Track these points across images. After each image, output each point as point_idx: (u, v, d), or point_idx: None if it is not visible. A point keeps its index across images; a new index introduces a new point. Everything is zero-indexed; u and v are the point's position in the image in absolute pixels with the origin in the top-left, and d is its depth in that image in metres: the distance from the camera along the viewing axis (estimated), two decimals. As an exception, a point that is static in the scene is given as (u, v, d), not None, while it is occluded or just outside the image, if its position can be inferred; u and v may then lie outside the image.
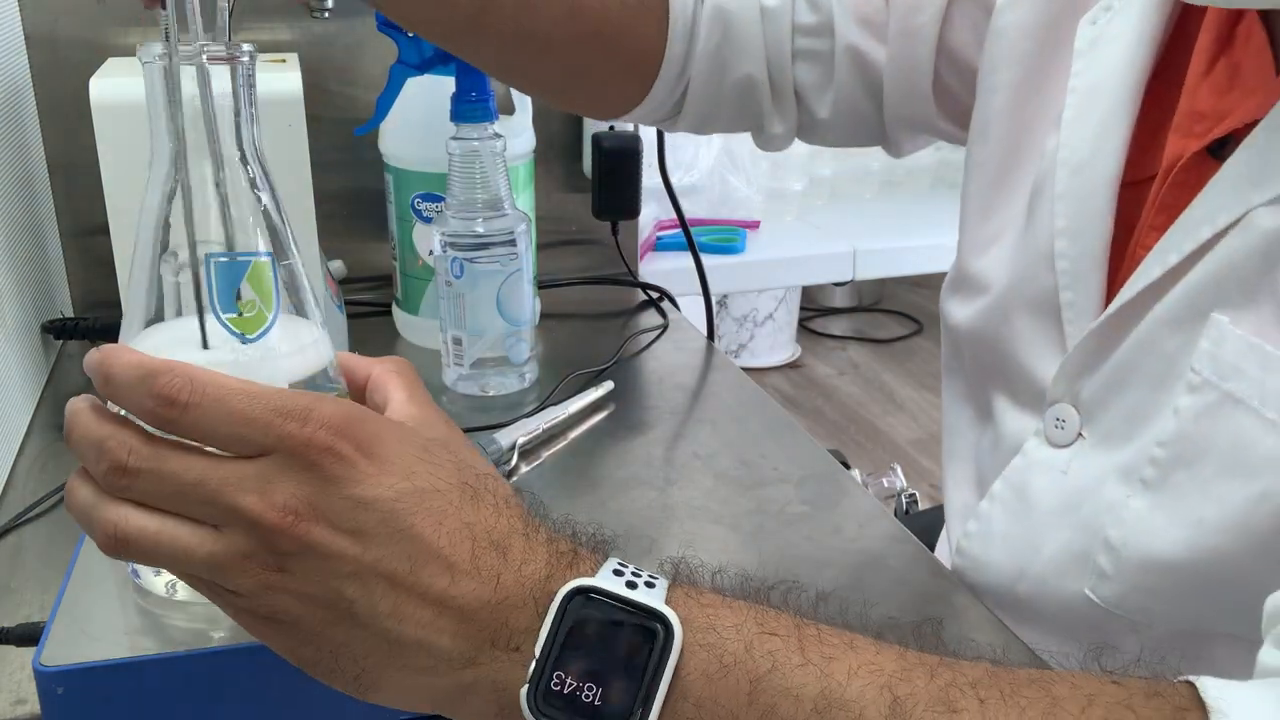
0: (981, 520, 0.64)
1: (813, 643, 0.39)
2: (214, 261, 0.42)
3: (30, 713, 0.56)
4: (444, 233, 0.88)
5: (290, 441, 0.38)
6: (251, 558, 0.38)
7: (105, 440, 0.39)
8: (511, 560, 0.39)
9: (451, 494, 0.40)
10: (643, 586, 0.40)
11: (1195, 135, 0.55)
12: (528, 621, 0.39)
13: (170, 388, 0.38)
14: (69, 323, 0.94)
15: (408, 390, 0.45)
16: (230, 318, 0.42)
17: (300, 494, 0.38)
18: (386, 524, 0.38)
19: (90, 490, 0.40)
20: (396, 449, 0.40)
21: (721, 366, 1.00)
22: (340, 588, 0.38)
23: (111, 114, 0.80)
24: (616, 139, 1.12)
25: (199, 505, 0.38)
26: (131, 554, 0.39)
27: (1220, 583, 0.51)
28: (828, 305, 3.47)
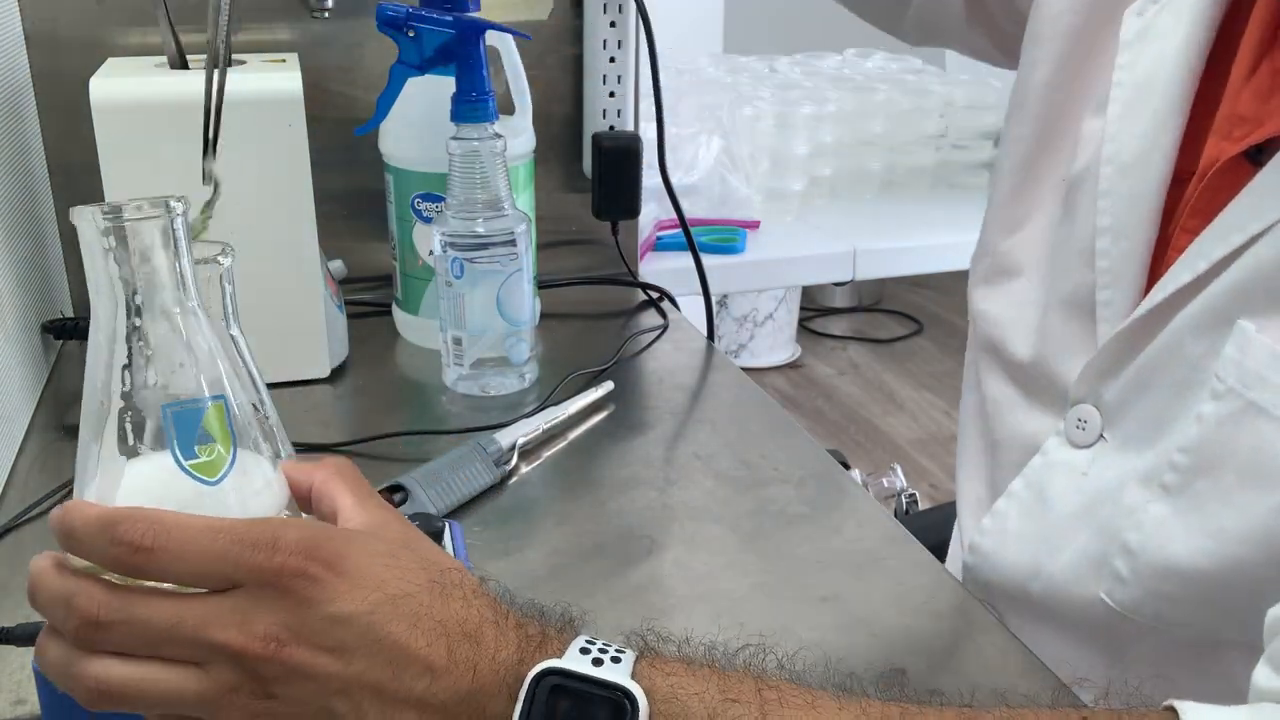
0: (997, 517, 0.64)
1: (774, 706, 0.40)
2: (170, 411, 0.42)
3: (30, 713, 0.56)
4: (444, 233, 0.88)
5: (261, 572, 0.39)
6: (239, 690, 0.39)
7: (73, 597, 0.39)
8: (485, 649, 0.41)
9: (422, 595, 0.41)
10: (609, 662, 0.41)
11: (1234, 139, 0.54)
12: (502, 707, 0.40)
13: (134, 534, 0.39)
14: (69, 323, 0.94)
15: (353, 494, 0.46)
16: (192, 464, 0.43)
17: (278, 620, 0.39)
18: (365, 636, 0.39)
19: (63, 648, 0.40)
20: (363, 561, 0.40)
21: (721, 366, 1.00)
22: (330, 705, 0.39)
23: (111, 114, 0.80)
24: (616, 139, 1.12)
25: (179, 646, 0.39)
26: (119, 704, 0.39)
27: (1239, 592, 0.51)
28: (828, 305, 3.47)
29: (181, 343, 0.43)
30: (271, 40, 1.05)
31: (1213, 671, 0.56)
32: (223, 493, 0.43)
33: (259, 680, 0.39)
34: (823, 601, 0.66)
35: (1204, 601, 0.53)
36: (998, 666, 0.60)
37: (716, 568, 0.70)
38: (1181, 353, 0.54)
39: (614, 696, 0.40)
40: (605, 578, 0.68)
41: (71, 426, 0.86)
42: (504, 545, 0.72)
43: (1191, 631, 0.55)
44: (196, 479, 0.42)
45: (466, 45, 0.87)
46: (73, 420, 0.87)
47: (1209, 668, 0.56)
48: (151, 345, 0.43)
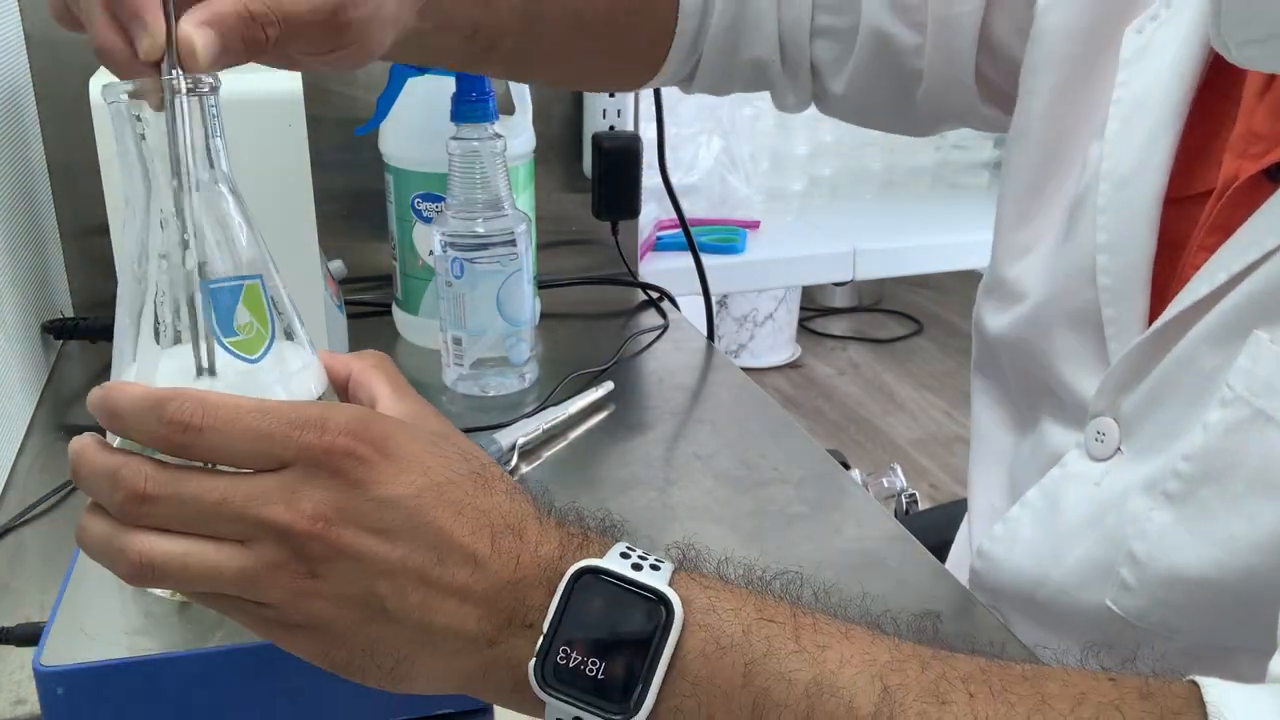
0: (1009, 525, 0.64)
1: (808, 631, 0.41)
2: (210, 287, 0.42)
3: (30, 713, 0.56)
4: (444, 233, 0.88)
5: (311, 451, 0.39)
6: (283, 568, 0.39)
7: (119, 470, 0.39)
8: (528, 542, 0.41)
9: (466, 484, 0.41)
10: (648, 569, 0.41)
11: (1251, 157, 0.54)
12: (541, 599, 0.40)
13: (182, 412, 0.39)
14: (69, 323, 0.94)
15: (391, 386, 0.46)
16: (231, 341, 0.43)
17: (327, 500, 0.39)
18: (411, 520, 0.39)
19: (106, 523, 0.40)
20: (409, 446, 0.40)
21: (721, 366, 1.00)
22: (373, 586, 0.39)
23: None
24: (616, 139, 1.12)
25: (225, 523, 0.39)
26: (161, 579, 0.39)
27: (1247, 599, 0.50)
28: (828, 305, 3.47)
29: (217, 221, 0.43)
30: (271, 40, 1.05)
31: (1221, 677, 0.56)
32: (262, 371, 0.43)
33: (304, 559, 0.39)
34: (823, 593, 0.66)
35: (1211, 609, 0.53)
36: (998, 666, 0.60)
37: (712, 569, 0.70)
38: (1196, 364, 0.54)
39: (650, 600, 0.40)
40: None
41: (72, 426, 0.86)
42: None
43: (1199, 639, 0.55)
44: (236, 355, 0.42)
45: (466, 45, 0.87)
46: (73, 420, 0.87)
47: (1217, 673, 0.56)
48: (187, 223, 0.42)
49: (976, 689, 0.39)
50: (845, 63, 0.73)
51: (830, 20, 0.72)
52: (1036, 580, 0.61)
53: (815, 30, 0.73)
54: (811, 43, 0.73)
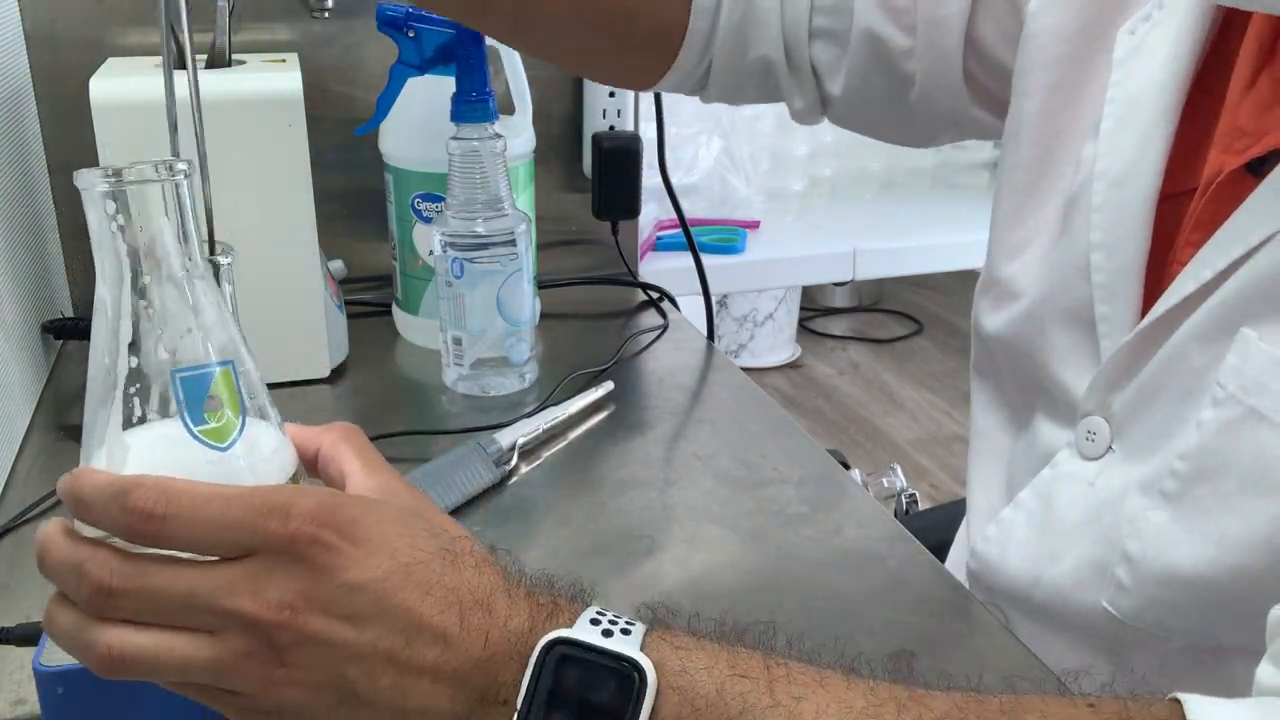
0: (1003, 526, 0.64)
1: (782, 683, 0.41)
2: (179, 377, 0.42)
3: (30, 713, 0.56)
4: (444, 233, 0.88)
5: (275, 539, 0.39)
6: (252, 656, 0.39)
7: (84, 564, 0.39)
8: (497, 617, 0.41)
9: (433, 563, 0.41)
10: (618, 634, 0.41)
11: (1235, 152, 0.54)
12: (513, 675, 0.40)
13: (146, 500, 0.38)
14: (69, 323, 0.94)
15: (361, 460, 0.46)
16: (202, 430, 0.42)
17: (293, 588, 0.39)
18: (378, 604, 0.39)
19: (73, 615, 0.40)
20: (375, 529, 0.40)
21: (721, 366, 1.00)
22: (343, 671, 0.39)
23: (111, 114, 0.80)
24: (616, 139, 1.12)
25: (192, 614, 0.39)
26: (132, 672, 0.39)
27: (1241, 599, 0.51)
28: (828, 305, 3.47)
29: (188, 308, 0.43)
30: (271, 40, 1.05)
31: (1216, 677, 0.56)
32: (233, 459, 0.42)
33: (272, 647, 0.39)
34: (823, 601, 0.66)
35: (1206, 609, 0.53)
36: (997, 665, 0.60)
37: (716, 568, 0.70)
38: (1186, 363, 0.54)
39: (622, 668, 0.40)
40: (605, 578, 0.68)
41: (72, 426, 0.86)
42: (504, 545, 0.72)
43: (1194, 638, 0.55)
44: (206, 445, 0.42)
45: (466, 45, 0.87)
46: (73, 420, 0.87)
47: (1212, 674, 0.56)
48: (158, 311, 0.42)
49: None
50: (841, 64, 0.74)
51: (826, 22, 0.73)
52: (1032, 581, 0.61)
53: (813, 31, 0.73)
54: (810, 44, 0.74)
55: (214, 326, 0.43)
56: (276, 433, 0.45)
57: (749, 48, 0.74)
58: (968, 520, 0.73)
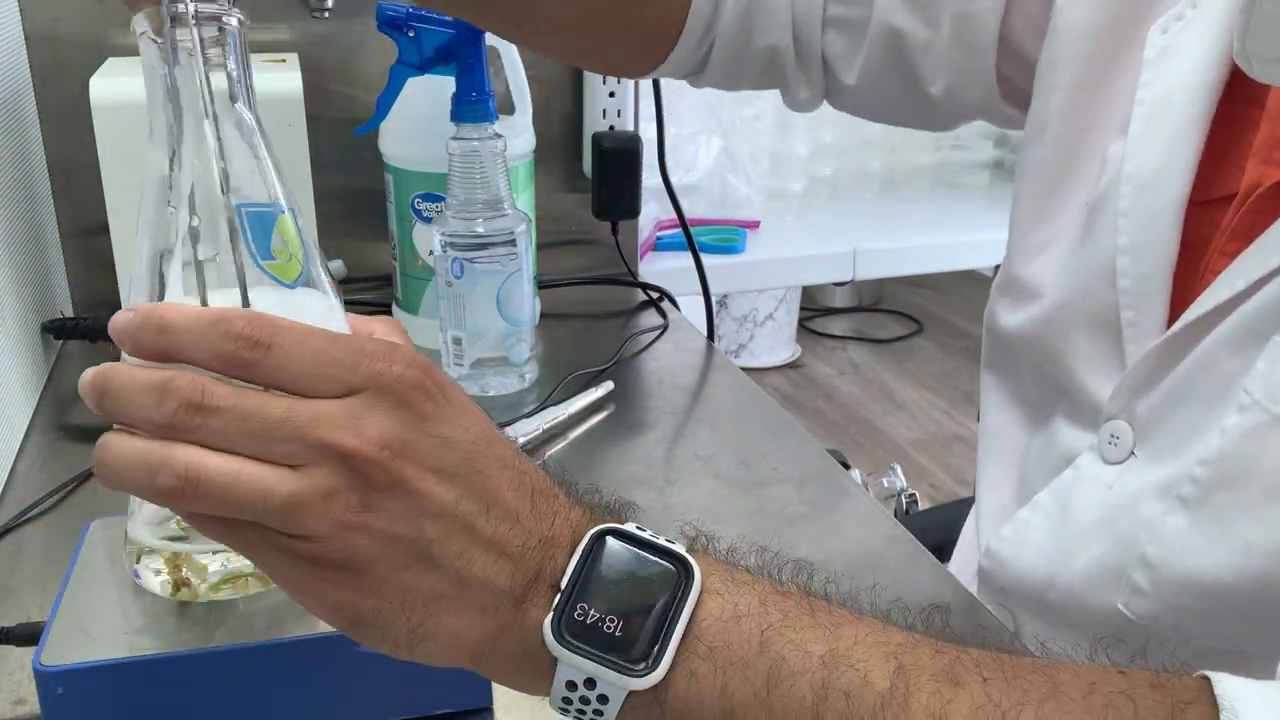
0: (1018, 526, 0.63)
1: (822, 610, 0.41)
2: (246, 212, 0.41)
3: (30, 713, 0.56)
4: (444, 233, 0.88)
5: (381, 379, 0.38)
6: (335, 497, 0.37)
7: (170, 381, 0.36)
8: (561, 505, 0.41)
9: (507, 444, 0.41)
10: (664, 541, 0.41)
11: (1275, 163, 0.54)
12: (565, 560, 0.40)
13: (252, 329, 0.37)
14: (69, 323, 0.94)
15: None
16: (269, 264, 0.42)
17: (392, 430, 0.38)
18: (467, 465, 0.39)
19: (140, 439, 0.37)
20: (461, 396, 0.41)
21: (721, 366, 1.00)
22: (422, 526, 0.38)
23: (111, 114, 0.80)
24: (616, 139, 1.12)
25: (283, 444, 0.37)
26: (204, 498, 0.36)
27: (1260, 605, 0.50)
28: (828, 305, 3.47)
29: (250, 149, 0.42)
30: (271, 40, 1.05)
31: None
32: (300, 297, 0.42)
33: (360, 489, 0.37)
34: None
35: (1224, 615, 0.53)
36: (998, 666, 0.60)
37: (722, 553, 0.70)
38: (1215, 368, 0.53)
39: (670, 564, 0.40)
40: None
41: (72, 426, 0.86)
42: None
43: (1211, 642, 0.55)
44: (274, 279, 0.41)
45: (466, 45, 0.87)
46: (73, 420, 0.87)
47: None
48: (224, 148, 0.41)
49: (990, 674, 0.39)
50: (856, 55, 0.73)
51: (842, 11, 0.72)
52: (1046, 582, 0.61)
53: (827, 20, 0.73)
54: (823, 33, 0.73)
55: (273, 174, 0.43)
56: (332, 296, 0.44)
57: (755, 35, 0.73)
58: (977, 519, 0.73)
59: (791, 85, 0.76)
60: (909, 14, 0.70)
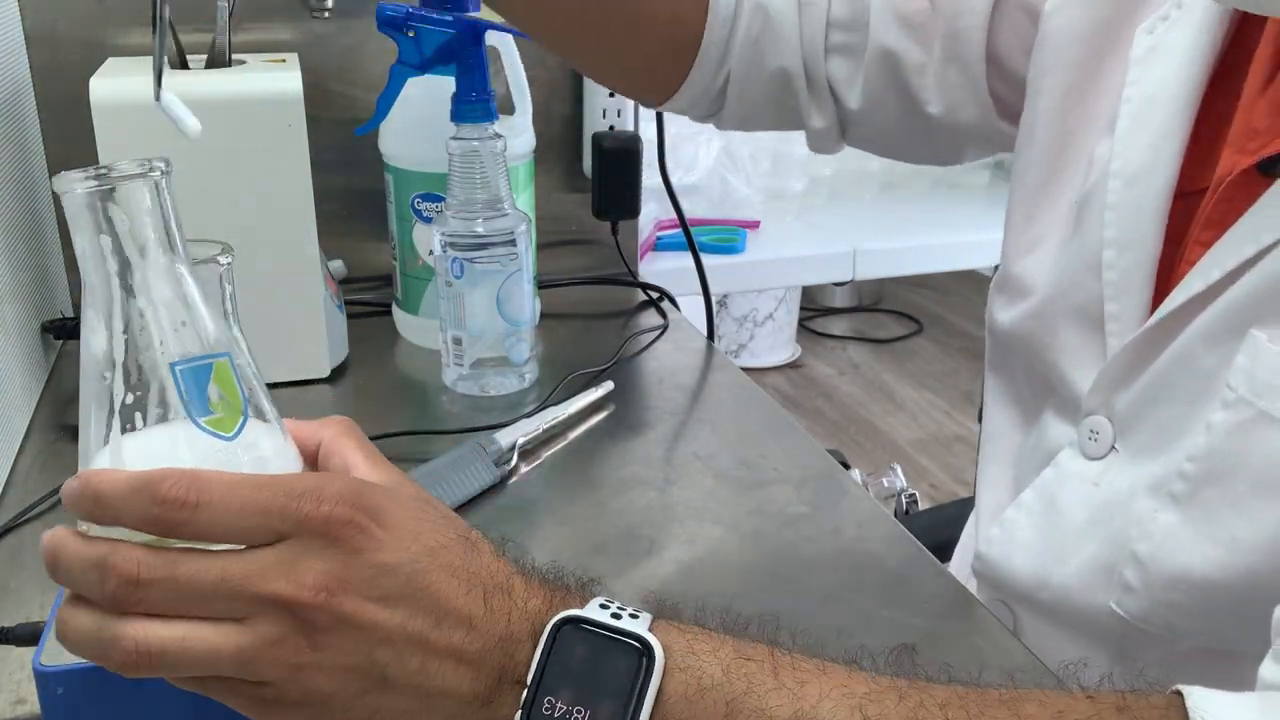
0: (1006, 527, 0.64)
1: (787, 668, 0.41)
2: (179, 369, 0.42)
3: (30, 713, 0.56)
4: (444, 233, 0.88)
5: (310, 522, 0.39)
6: (282, 643, 0.39)
7: (107, 557, 0.38)
8: (516, 600, 0.42)
9: (455, 548, 0.41)
10: (627, 618, 0.42)
11: (1248, 152, 0.54)
12: (528, 654, 0.41)
13: (177, 489, 0.38)
14: (69, 323, 0.94)
15: (364, 453, 0.46)
16: (207, 420, 0.42)
17: (327, 570, 0.39)
18: (410, 585, 0.39)
19: (93, 615, 0.39)
20: (400, 513, 0.41)
21: (721, 366, 1.00)
22: (373, 655, 0.39)
23: (111, 114, 0.80)
24: (616, 139, 1.12)
25: (223, 601, 0.38)
26: (158, 667, 0.38)
27: (1250, 601, 0.50)
28: (828, 305, 3.47)
29: (180, 302, 0.42)
30: (271, 40, 1.05)
31: (1224, 679, 0.56)
32: (240, 448, 0.42)
33: (306, 632, 0.39)
34: (823, 601, 0.66)
35: (1215, 611, 0.53)
36: (998, 665, 0.60)
37: (716, 568, 0.70)
38: (1194, 363, 0.54)
39: (632, 646, 0.40)
40: (605, 578, 0.68)
41: (72, 426, 0.86)
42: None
43: (1202, 640, 0.55)
44: (213, 434, 0.42)
45: (466, 45, 0.87)
46: (73, 420, 0.87)
47: (1220, 676, 0.56)
48: (151, 306, 0.42)
49: (954, 714, 0.39)
50: (856, 78, 0.74)
51: (843, 37, 0.73)
52: (1038, 582, 0.61)
53: (829, 46, 0.74)
54: (827, 60, 0.74)
55: (207, 320, 0.43)
56: (277, 428, 0.45)
57: (767, 59, 0.74)
58: (976, 518, 0.73)
59: (806, 115, 0.77)
60: (902, 36, 0.71)
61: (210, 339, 0.43)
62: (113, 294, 0.42)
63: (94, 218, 0.41)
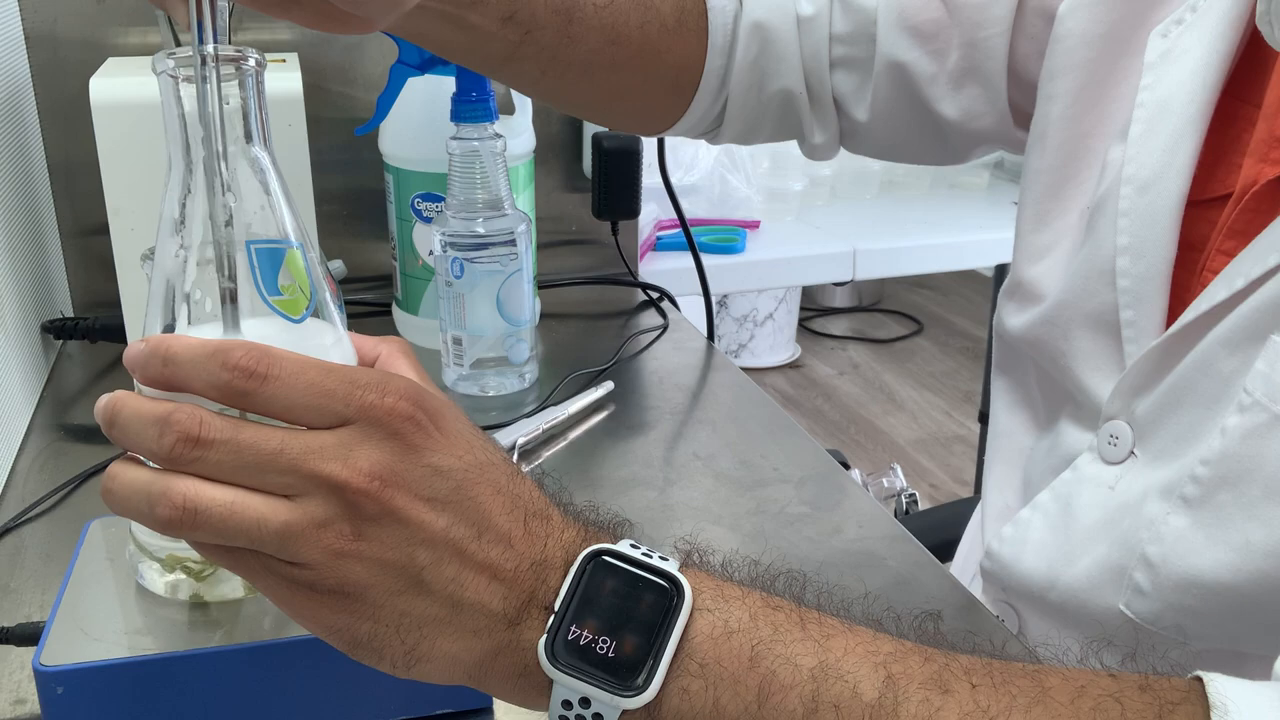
0: (1019, 527, 0.64)
1: (813, 622, 0.41)
2: (255, 248, 0.43)
3: (30, 713, 0.56)
4: (444, 233, 0.88)
5: (373, 411, 0.39)
6: (328, 526, 0.38)
7: (171, 414, 0.38)
8: (554, 527, 0.42)
9: (503, 467, 0.42)
10: (657, 559, 0.42)
11: (1272, 161, 0.54)
12: (559, 581, 0.41)
13: (249, 360, 0.38)
14: (69, 323, 0.94)
15: (418, 374, 0.46)
16: (275, 300, 0.43)
17: (382, 461, 0.39)
18: (458, 493, 0.40)
19: (145, 471, 0.39)
20: (455, 422, 0.41)
21: (721, 366, 1.00)
22: (413, 553, 0.39)
23: (111, 114, 0.80)
24: (616, 139, 1.12)
25: (277, 475, 0.38)
26: (202, 526, 0.38)
27: (1261, 605, 0.50)
28: (828, 305, 3.47)
29: (261, 188, 0.44)
30: (271, 40, 1.05)
31: None
32: (306, 332, 0.43)
33: (352, 518, 0.39)
34: (825, 593, 0.66)
35: (1226, 614, 0.53)
36: (998, 666, 0.60)
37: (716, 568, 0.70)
38: (1213, 368, 0.53)
39: (660, 583, 0.41)
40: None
41: (72, 426, 0.86)
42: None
43: (1212, 643, 0.55)
44: (281, 314, 0.43)
45: (466, 45, 0.87)
46: (73, 420, 0.87)
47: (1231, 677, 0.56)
48: (234, 187, 0.43)
49: (979, 680, 0.39)
50: (865, 91, 0.74)
51: (847, 51, 0.73)
52: (1048, 583, 0.61)
53: (834, 61, 0.73)
54: (831, 74, 0.74)
55: (285, 212, 0.44)
56: (340, 326, 0.46)
57: (768, 81, 0.74)
58: (982, 518, 0.73)
59: (807, 130, 0.77)
60: (914, 48, 0.71)
61: (286, 228, 0.44)
62: (197, 174, 0.43)
63: (183, 100, 0.42)
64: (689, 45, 0.73)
